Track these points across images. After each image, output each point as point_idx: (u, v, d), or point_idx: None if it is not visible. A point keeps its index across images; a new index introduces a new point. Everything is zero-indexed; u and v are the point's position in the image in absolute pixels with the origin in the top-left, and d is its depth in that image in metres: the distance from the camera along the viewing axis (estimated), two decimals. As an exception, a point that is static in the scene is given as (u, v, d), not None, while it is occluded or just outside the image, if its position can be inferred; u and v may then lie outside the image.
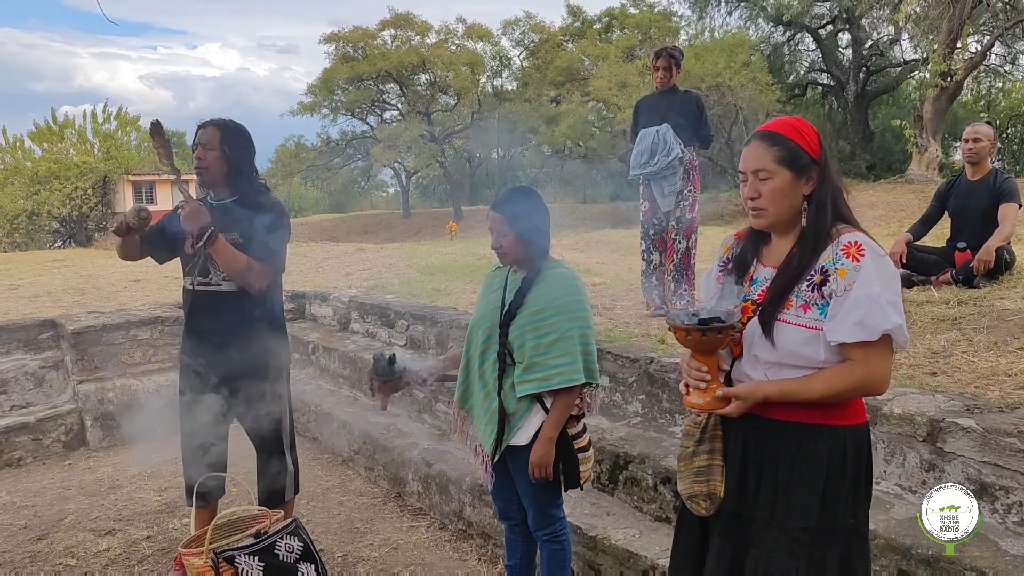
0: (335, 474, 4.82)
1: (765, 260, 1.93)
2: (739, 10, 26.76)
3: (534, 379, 2.55)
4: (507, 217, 2.59)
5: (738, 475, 1.88)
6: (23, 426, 5.24)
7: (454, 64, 30.92)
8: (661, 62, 5.07)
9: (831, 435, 1.79)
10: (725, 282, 1.97)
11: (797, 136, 1.83)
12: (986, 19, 18.31)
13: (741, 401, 1.78)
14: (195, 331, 3.16)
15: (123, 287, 8.06)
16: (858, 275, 1.71)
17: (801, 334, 1.75)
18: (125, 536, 3.97)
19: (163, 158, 3.01)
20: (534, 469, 2.58)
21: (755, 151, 1.85)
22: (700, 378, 1.82)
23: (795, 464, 1.80)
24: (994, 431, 2.52)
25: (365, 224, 32.29)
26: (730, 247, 2.06)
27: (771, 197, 1.82)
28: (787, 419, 1.80)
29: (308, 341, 6.26)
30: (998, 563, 2.25)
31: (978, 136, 5.03)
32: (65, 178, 29.84)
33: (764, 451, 1.84)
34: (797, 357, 1.77)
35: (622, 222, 21.07)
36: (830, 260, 1.76)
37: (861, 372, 1.72)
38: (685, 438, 1.96)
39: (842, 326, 1.70)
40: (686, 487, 1.93)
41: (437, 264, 8.55)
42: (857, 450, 1.82)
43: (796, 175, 1.82)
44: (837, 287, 1.72)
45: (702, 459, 1.90)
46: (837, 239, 1.78)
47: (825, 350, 1.74)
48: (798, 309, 1.77)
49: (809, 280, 1.77)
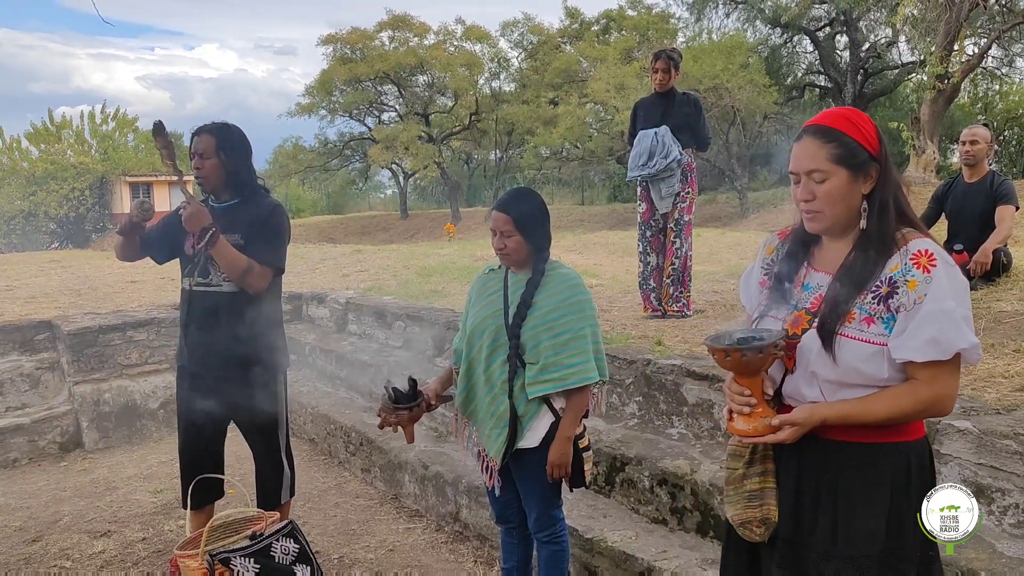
0: (332, 476, 4.81)
1: (817, 264, 1.76)
2: (737, 12, 26.80)
3: (550, 379, 2.55)
4: (513, 217, 2.58)
5: (793, 500, 1.72)
6: (18, 427, 5.23)
7: (452, 65, 30.91)
8: (660, 64, 5.07)
9: (894, 453, 1.65)
10: (772, 288, 1.81)
11: (853, 130, 1.65)
12: (983, 22, 18.34)
13: (798, 428, 1.62)
14: (193, 332, 3.16)
15: (120, 288, 8.05)
16: (929, 287, 1.55)
17: (864, 350, 1.60)
18: (120, 538, 3.96)
19: (166, 159, 3.01)
20: (553, 469, 2.58)
21: (808, 149, 1.67)
22: (744, 403, 1.67)
23: (856, 487, 1.65)
24: (990, 433, 2.52)
25: (363, 225, 32.26)
26: (774, 248, 1.87)
27: (827, 199, 1.65)
28: (845, 439, 1.65)
29: (305, 342, 6.26)
30: (994, 565, 2.26)
31: (975, 138, 5.03)
32: (62, 179, 29.78)
33: (821, 474, 1.69)
34: (858, 375, 1.61)
35: (620, 224, 21.07)
36: (899, 270, 1.60)
37: (927, 393, 1.58)
38: (732, 459, 1.80)
39: (912, 343, 1.55)
40: (738, 512, 1.78)
41: (434, 265, 8.54)
42: (921, 467, 1.68)
43: (854, 174, 1.64)
44: (907, 300, 1.57)
45: (754, 482, 1.76)
46: (905, 246, 1.62)
47: (889, 367, 1.60)
48: (861, 323, 1.61)
49: (875, 291, 1.61)
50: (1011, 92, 25.60)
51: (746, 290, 1.94)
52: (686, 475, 3.12)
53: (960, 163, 5.26)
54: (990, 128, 5.37)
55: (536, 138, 27.47)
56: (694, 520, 3.07)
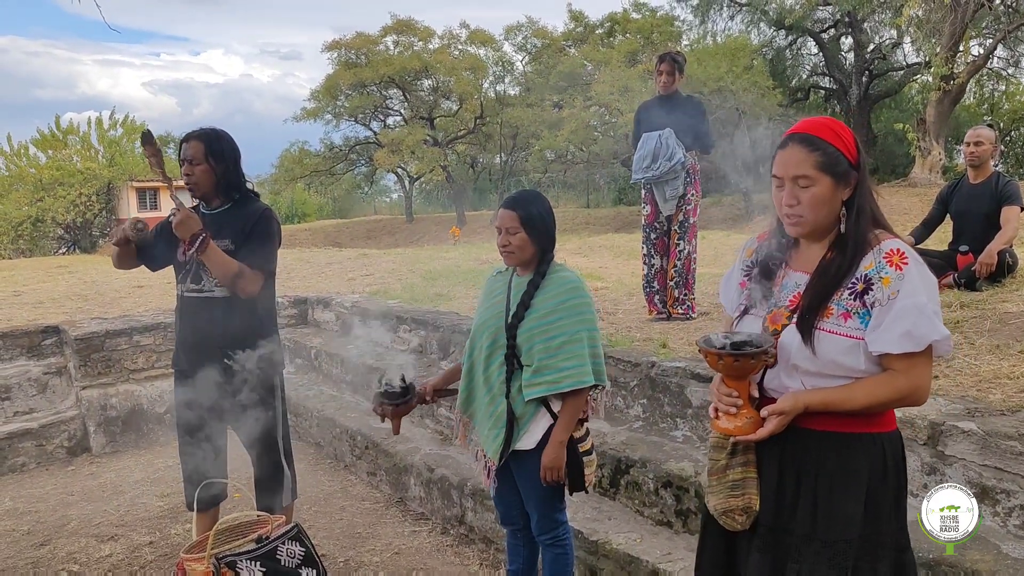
0: (337, 479, 4.83)
1: (795, 265, 1.86)
2: (741, 15, 26.77)
3: (543, 382, 2.56)
4: (519, 214, 2.60)
5: (775, 488, 1.81)
6: (26, 432, 5.26)
7: (457, 69, 30.96)
8: (664, 67, 5.09)
9: (871, 443, 1.74)
10: (751, 288, 1.90)
11: (836, 140, 1.75)
12: (988, 22, 18.30)
13: (785, 416, 1.72)
14: (188, 336, 3.18)
15: (126, 293, 8.08)
16: (902, 284, 1.66)
17: (842, 343, 1.70)
18: (127, 542, 3.97)
19: (155, 166, 3.05)
20: (546, 472, 2.59)
21: (794, 156, 1.75)
22: (731, 403, 1.78)
23: (835, 474, 1.73)
24: (995, 434, 2.52)
25: (368, 229, 32.33)
26: (753, 250, 1.97)
27: (811, 205, 1.74)
28: (825, 429, 1.74)
29: (310, 347, 6.27)
30: (999, 566, 2.25)
31: (980, 139, 5.02)
32: (69, 185, 29.94)
33: (802, 462, 1.77)
34: (837, 367, 1.71)
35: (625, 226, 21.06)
36: (873, 268, 1.70)
37: (904, 383, 1.68)
38: (715, 451, 1.88)
39: (888, 336, 1.65)
40: (720, 501, 1.85)
41: (440, 269, 8.56)
42: (895, 458, 1.78)
43: (836, 181, 1.74)
44: (881, 296, 1.67)
45: (736, 472, 1.84)
46: (878, 246, 1.72)
47: (865, 360, 1.70)
48: (839, 318, 1.70)
49: (851, 288, 1.71)
50: (1017, 92, 25.54)
51: (726, 291, 2.03)
52: (690, 477, 3.12)
53: (965, 164, 5.25)
54: (995, 129, 5.36)
55: (541, 141, 27.48)
56: (698, 522, 3.07)
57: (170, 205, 3.04)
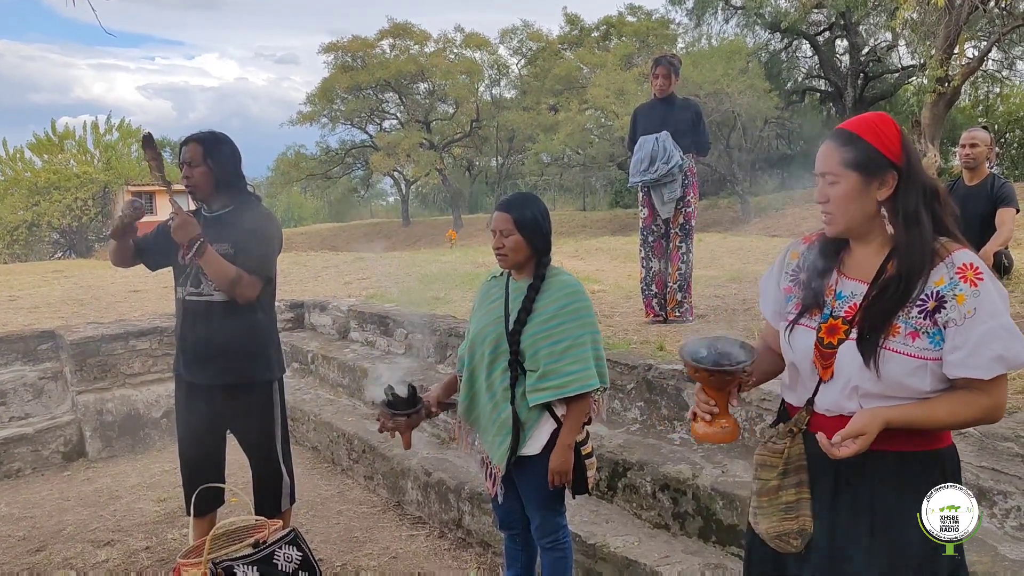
0: (334, 483, 4.82)
1: (848, 271, 1.73)
2: (736, 17, 26.90)
3: (549, 387, 2.55)
4: (514, 217, 2.59)
5: (830, 510, 1.70)
6: (22, 437, 5.24)
7: (452, 73, 31.03)
8: (660, 70, 5.10)
9: (928, 461, 1.65)
10: (801, 295, 1.78)
11: (872, 135, 1.64)
12: (983, 25, 18.37)
13: (866, 437, 1.56)
14: (187, 341, 3.17)
15: (122, 298, 8.07)
16: (979, 302, 1.54)
17: (909, 364, 1.58)
18: (124, 547, 3.96)
19: (154, 170, 3.04)
20: (554, 476, 2.58)
21: (824, 152, 1.68)
22: (707, 410, 1.74)
23: (895, 496, 1.64)
24: (992, 435, 2.52)
25: (365, 233, 32.34)
26: (799, 253, 1.84)
27: (838, 202, 1.66)
28: (883, 448, 1.60)
29: (307, 350, 6.26)
30: (996, 568, 2.25)
31: (975, 141, 5.03)
32: (65, 189, 29.85)
33: (859, 483, 1.67)
34: (902, 388, 1.59)
35: (621, 229, 21.10)
36: (945, 284, 1.57)
37: (988, 402, 1.58)
38: (763, 470, 1.78)
39: (976, 361, 1.53)
40: (773, 525, 1.76)
41: (436, 273, 8.56)
42: (954, 473, 1.69)
43: (866, 179, 1.63)
44: (956, 315, 1.55)
45: (790, 493, 1.74)
46: (948, 258, 1.59)
47: (932, 380, 1.58)
48: (906, 337, 1.58)
49: (920, 305, 1.58)
50: (1012, 95, 25.63)
51: (765, 297, 1.92)
52: (688, 480, 3.12)
53: (960, 166, 5.26)
54: (990, 131, 5.37)
55: (537, 144, 27.55)
56: (696, 525, 3.07)
57: (167, 209, 3.03)
